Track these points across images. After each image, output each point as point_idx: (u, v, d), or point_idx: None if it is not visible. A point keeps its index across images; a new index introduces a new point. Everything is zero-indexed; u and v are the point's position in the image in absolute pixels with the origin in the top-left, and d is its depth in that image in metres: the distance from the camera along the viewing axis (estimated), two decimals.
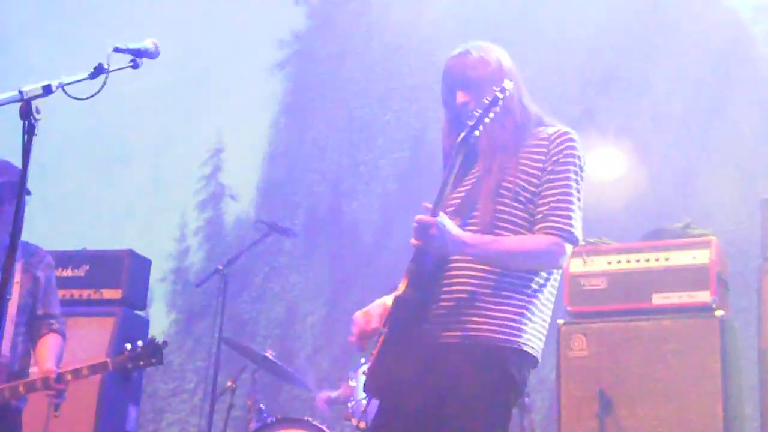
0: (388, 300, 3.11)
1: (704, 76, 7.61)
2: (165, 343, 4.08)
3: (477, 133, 2.84)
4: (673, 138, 7.58)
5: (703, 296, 5.11)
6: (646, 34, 7.92)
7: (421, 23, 8.67)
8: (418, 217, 2.84)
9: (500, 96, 2.84)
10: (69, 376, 4.08)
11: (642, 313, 5.19)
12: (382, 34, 8.98)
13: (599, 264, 5.35)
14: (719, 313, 5.07)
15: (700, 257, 5.17)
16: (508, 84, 2.87)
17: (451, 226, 2.84)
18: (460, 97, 3.04)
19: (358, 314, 3.10)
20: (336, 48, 9.32)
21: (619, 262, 5.32)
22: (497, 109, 2.84)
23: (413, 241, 2.86)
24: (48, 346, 4.26)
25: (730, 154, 7.32)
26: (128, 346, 4.07)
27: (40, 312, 4.34)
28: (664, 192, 7.32)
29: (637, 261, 5.29)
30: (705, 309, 5.09)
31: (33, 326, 4.33)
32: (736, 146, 7.34)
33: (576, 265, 5.34)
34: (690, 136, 7.54)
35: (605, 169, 7.21)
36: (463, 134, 2.85)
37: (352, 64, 9.13)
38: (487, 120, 2.83)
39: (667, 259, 5.23)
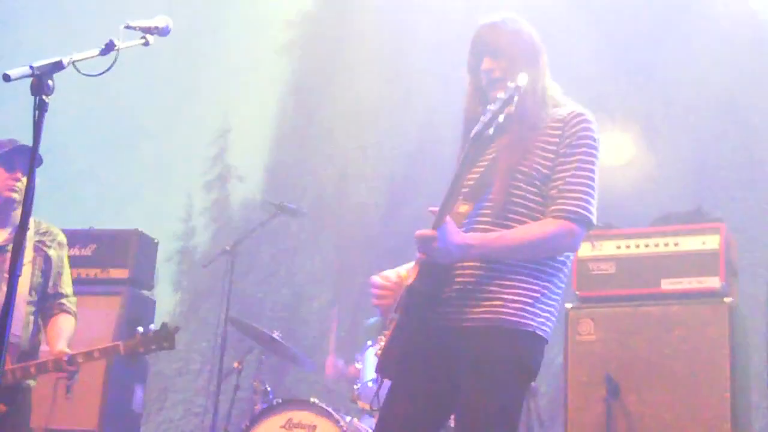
0: (400, 270, 3.09)
1: (715, 62, 7.57)
2: (177, 328, 4.08)
3: (491, 131, 2.79)
4: (682, 123, 7.54)
5: (713, 282, 5.09)
6: (657, 20, 7.88)
7: (430, 5, 8.63)
8: (418, 232, 2.80)
9: (515, 95, 2.78)
10: (80, 359, 4.07)
11: (650, 298, 5.17)
12: (390, 17, 8.94)
13: (608, 249, 5.33)
14: (728, 299, 5.05)
15: (709, 243, 5.15)
16: (522, 80, 2.80)
17: (455, 232, 2.80)
18: (487, 63, 3.01)
19: (375, 277, 3.09)
20: (344, 29, 9.28)
21: (628, 246, 5.29)
22: (512, 108, 2.78)
23: (419, 255, 2.85)
24: (59, 327, 4.26)
25: (739, 140, 7.29)
26: (140, 329, 4.06)
27: (51, 291, 4.34)
28: (674, 177, 7.29)
29: (646, 246, 5.26)
30: (714, 295, 5.07)
31: (44, 305, 4.33)
32: (746, 132, 7.31)
33: (585, 250, 5.31)
34: (700, 122, 7.51)
35: (615, 153, 7.18)
36: (475, 130, 2.80)
37: (360, 45, 9.09)
38: (501, 118, 2.78)
39: (676, 245, 5.21)
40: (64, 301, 4.36)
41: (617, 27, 7.93)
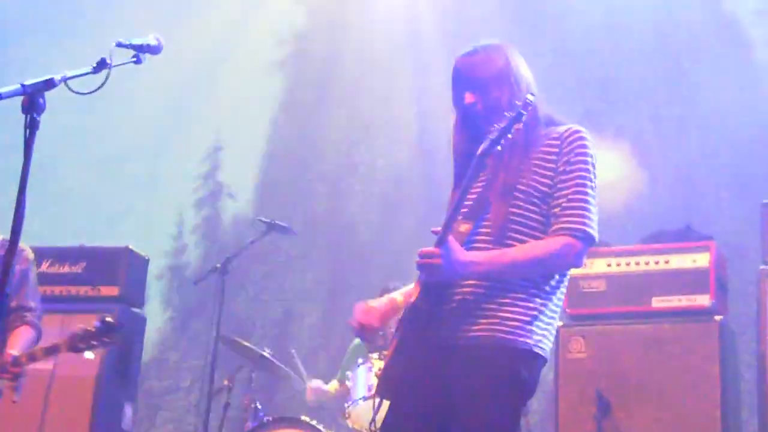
0: (396, 296, 3.10)
1: (703, 79, 7.61)
2: (121, 324, 4.09)
3: (499, 148, 2.80)
4: (672, 141, 7.58)
5: (703, 300, 5.09)
6: (645, 36, 7.92)
7: (421, 24, 8.67)
8: (421, 250, 2.79)
9: (524, 113, 2.76)
10: (24, 359, 4.08)
11: (641, 316, 5.17)
12: (381, 34, 8.97)
13: (598, 266, 5.32)
14: (718, 317, 5.05)
15: (700, 261, 5.15)
16: (530, 98, 2.79)
17: (458, 250, 2.79)
18: (468, 98, 3.01)
19: (360, 304, 3.09)
20: (335, 47, 9.31)
21: (619, 264, 5.30)
22: (520, 125, 2.77)
23: (423, 278, 2.85)
24: (16, 336, 4.28)
25: (729, 158, 7.32)
26: (81, 326, 4.08)
27: (13, 304, 4.35)
28: (664, 195, 7.32)
29: (637, 264, 5.26)
30: (704, 313, 5.07)
31: (7, 319, 4.34)
32: (736, 150, 7.34)
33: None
34: (689, 139, 7.54)
35: (604, 171, 7.19)
36: (482, 147, 2.78)
37: (352, 63, 9.12)
38: (509, 136, 2.77)
39: (666, 263, 5.21)
40: (26, 314, 4.37)
41: (606, 43, 7.98)
